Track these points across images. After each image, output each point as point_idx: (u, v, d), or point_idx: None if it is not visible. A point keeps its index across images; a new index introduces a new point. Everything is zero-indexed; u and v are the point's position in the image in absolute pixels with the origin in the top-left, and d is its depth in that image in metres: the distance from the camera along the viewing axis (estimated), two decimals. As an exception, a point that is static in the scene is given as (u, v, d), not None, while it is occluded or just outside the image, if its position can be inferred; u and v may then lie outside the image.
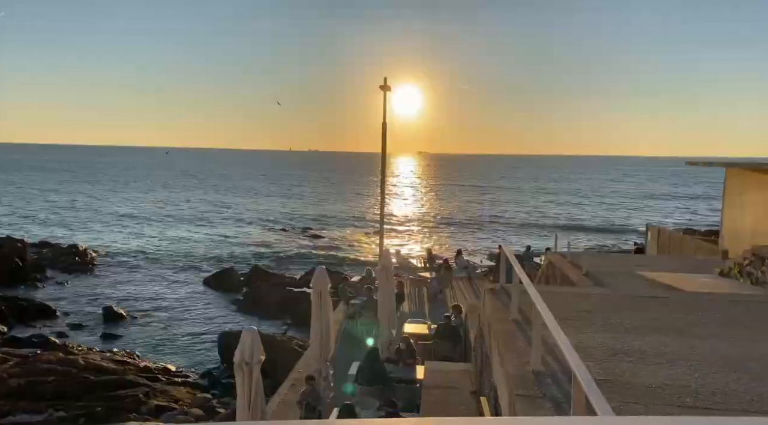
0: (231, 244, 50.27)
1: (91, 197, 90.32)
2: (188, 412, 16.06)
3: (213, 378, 20.09)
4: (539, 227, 64.27)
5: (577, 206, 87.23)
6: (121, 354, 21.80)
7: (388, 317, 13.01)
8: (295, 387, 12.88)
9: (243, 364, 6.94)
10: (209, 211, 74.74)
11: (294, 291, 31.07)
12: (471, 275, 23.00)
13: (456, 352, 13.19)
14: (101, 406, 16.10)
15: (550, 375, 4.50)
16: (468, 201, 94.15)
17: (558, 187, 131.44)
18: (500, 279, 7.68)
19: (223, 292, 33.21)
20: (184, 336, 25.78)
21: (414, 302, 19.37)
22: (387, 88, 17.58)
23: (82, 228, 57.95)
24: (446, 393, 9.59)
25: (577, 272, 13.40)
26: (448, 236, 56.43)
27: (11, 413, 15.62)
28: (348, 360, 12.73)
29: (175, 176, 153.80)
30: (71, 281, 35.22)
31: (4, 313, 26.05)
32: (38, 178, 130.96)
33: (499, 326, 5.87)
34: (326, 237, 54.66)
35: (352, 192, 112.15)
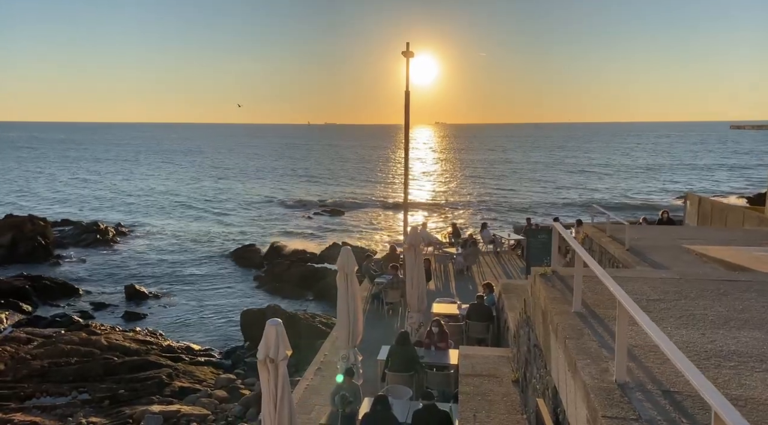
0: (250, 220, 50.00)
1: (105, 174, 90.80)
2: (212, 394, 15.71)
3: (236, 356, 19.76)
4: (564, 198, 62.88)
5: (595, 175, 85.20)
6: (144, 333, 21.60)
7: (417, 297, 12.31)
8: (321, 372, 12.36)
9: (267, 360, 6.29)
10: (227, 188, 74.58)
11: (314, 267, 30.72)
12: (498, 249, 22.19)
13: (489, 334, 12.49)
14: (125, 388, 15.84)
15: (640, 388, 3.72)
16: (489, 173, 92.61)
17: (583, 156, 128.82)
18: (552, 262, 6.87)
19: (243, 268, 32.97)
20: (205, 313, 25.55)
21: (440, 280, 18.66)
22: (410, 54, 16.52)
23: (101, 206, 58.17)
24: (485, 382, 8.89)
25: (619, 248, 12.49)
26: (471, 209, 55.37)
27: (35, 396, 15.43)
28: (371, 342, 12.12)
29: (189, 152, 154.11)
30: (93, 259, 35.24)
31: (28, 292, 26.07)
32: (43, 155, 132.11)
33: (561, 320, 5.08)
34: (345, 213, 54.05)
35: (369, 166, 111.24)
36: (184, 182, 79.73)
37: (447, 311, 13.56)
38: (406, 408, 9.02)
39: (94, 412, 14.61)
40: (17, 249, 34.75)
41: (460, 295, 16.39)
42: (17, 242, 35.07)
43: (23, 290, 25.96)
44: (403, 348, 10.44)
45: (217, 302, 27.13)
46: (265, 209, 55.59)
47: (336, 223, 48.89)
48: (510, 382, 8.85)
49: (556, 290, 6.10)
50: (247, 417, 13.81)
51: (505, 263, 20.75)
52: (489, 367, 9.41)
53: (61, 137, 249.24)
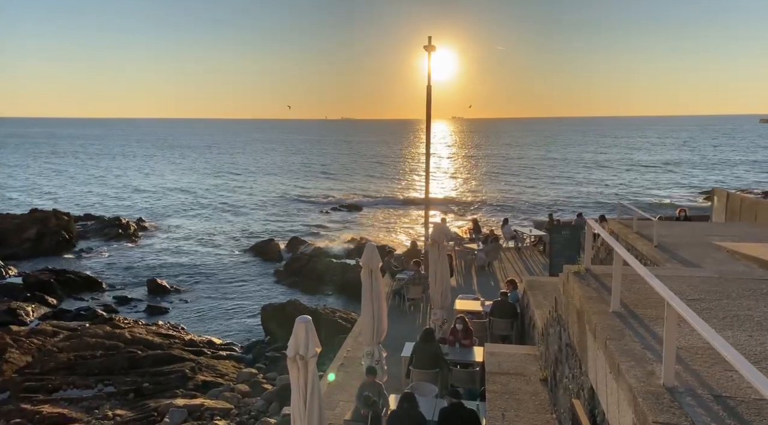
0: (269, 216, 50.26)
1: (125, 169, 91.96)
2: (234, 388, 15.81)
3: (257, 351, 19.85)
4: (583, 194, 62.18)
5: (613, 171, 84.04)
6: (166, 327, 21.80)
7: (440, 294, 12.21)
8: (345, 367, 12.35)
9: (297, 358, 6.26)
10: (244, 183, 75.06)
11: (333, 262, 30.76)
12: (519, 245, 21.98)
13: (514, 331, 12.37)
14: (149, 381, 16.00)
15: (690, 393, 3.59)
16: (507, 169, 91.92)
17: (601, 151, 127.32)
18: (585, 260, 6.73)
19: (263, 263, 33.14)
20: (226, 307, 25.73)
21: (461, 276, 18.53)
22: (432, 48, 16.36)
23: (122, 201, 58.93)
24: (513, 380, 8.79)
25: (647, 245, 12.26)
26: (490, 205, 54.97)
27: (62, 388, 15.66)
28: (393, 339, 12.06)
29: (205, 147, 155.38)
30: (115, 254, 35.70)
31: (53, 286, 26.50)
32: (64, 151, 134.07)
33: (600, 320, 4.95)
34: (363, 209, 54.04)
35: (386, 162, 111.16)
36: (202, 177, 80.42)
37: (470, 307, 13.46)
38: (432, 405, 8.96)
39: (119, 405, 14.79)
40: (42, 243, 35.37)
41: (482, 291, 16.26)
42: (42, 236, 35.68)
43: (49, 284, 26.39)
44: (427, 344, 10.38)
45: (237, 296, 27.31)
46: (283, 205, 55.82)
47: (354, 219, 48.92)
48: (538, 381, 8.74)
49: (592, 289, 5.96)
50: (270, 411, 13.85)
51: (527, 259, 20.54)
52: (516, 365, 9.31)
53: (82, 132, 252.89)
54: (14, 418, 13.94)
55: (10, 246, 34.43)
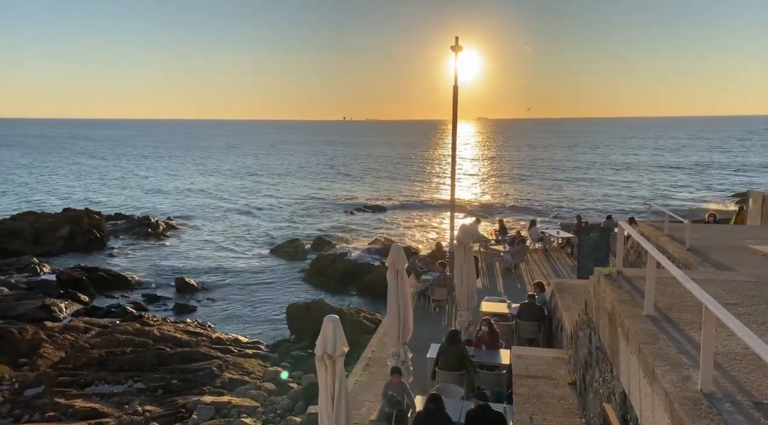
0: (293, 216, 50.66)
1: (151, 169, 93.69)
2: (260, 386, 15.96)
3: (283, 350, 20.00)
4: (609, 196, 61.19)
5: (639, 173, 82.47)
6: (194, 324, 22.14)
7: (466, 295, 12.14)
8: (370, 368, 12.38)
9: (325, 357, 6.29)
10: (268, 184, 75.80)
11: (357, 262, 30.88)
12: (547, 247, 21.73)
13: (541, 334, 12.23)
14: (177, 378, 16.27)
15: (729, 399, 3.51)
16: (532, 170, 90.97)
17: (628, 153, 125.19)
18: (617, 262, 6.62)
19: (287, 263, 33.42)
20: (252, 306, 26.02)
21: (487, 278, 18.40)
22: (458, 48, 16.31)
23: (150, 200, 60.05)
24: (540, 384, 8.69)
25: (679, 247, 12.00)
26: (516, 206, 54.48)
27: (93, 383, 16.03)
28: (418, 340, 12.03)
29: (228, 148, 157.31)
30: (144, 252, 36.41)
31: (85, 283, 27.15)
32: (91, 151, 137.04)
33: (633, 324, 4.87)
34: (387, 210, 54.08)
35: (410, 163, 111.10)
36: (226, 178, 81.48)
37: (497, 310, 13.36)
38: (459, 407, 8.91)
39: (148, 401, 15.06)
40: (75, 241, 36.29)
41: (508, 294, 16.13)
42: (75, 234, 36.62)
43: (81, 281, 27.05)
44: (453, 346, 10.33)
45: (262, 295, 27.58)
46: (308, 206, 56.19)
47: (378, 220, 48.99)
48: (566, 384, 8.63)
49: (623, 291, 5.86)
50: (296, 410, 13.95)
51: (555, 261, 20.30)
52: (543, 368, 9.20)
53: (106, 133, 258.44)
54: (48, 411, 14.32)
55: (44, 244, 35.41)
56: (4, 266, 30.51)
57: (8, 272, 29.69)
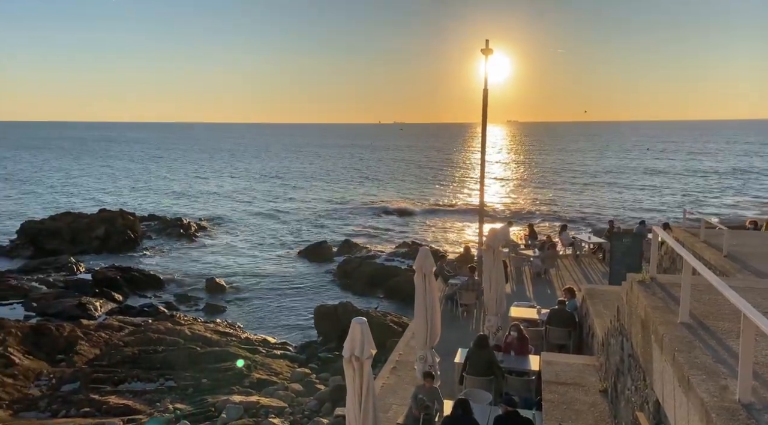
0: (321, 218, 51.00)
1: (182, 171, 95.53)
2: (288, 387, 16.10)
3: (310, 351, 20.15)
4: (642, 201, 59.94)
5: (672, 177, 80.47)
6: (224, 325, 22.47)
7: (495, 300, 12.04)
8: (397, 371, 12.36)
9: (353, 359, 6.32)
10: (297, 187, 76.50)
11: (384, 265, 30.91)
12: (578, 252, 21.39)
13: (571, 341, 12.04)
14: (207, 378, 16.53)
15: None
16: (563, 174, 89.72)
17: (662, 158, 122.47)
18: (651, 268, 6.48)
19: (316, 264, 33.65)
20: (280, 307, 26.28)
21: (515, 283, 18.21)
22: (489, 51, 16.22)
23: (182, 202, 61.22)
24: (571, 391, 8.56)
25: (716, 254, 11.68)
26: (546, 211, 53.79)
27: (127, 380, 16.40)
28: (446, 344, 11.96)
29: (258, 151, 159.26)
30: (176, 253, 37.14)
31: (119, 283, 27.83)
32: (120, 154, 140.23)
33: (667, 331, 4.76)
34: (415, 213, 54.02)
35: (440, 166, 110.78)
36: (255, 180, 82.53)
37: (526, 315, 13.21)
38: (487, 413, 8.84)
39: (179, 399, 15.34)
40: (109, 241, 37.25)
41: (537, 299, 15.92)
42: (110, 234, 37.58)
43: (115, 281, 27.74)
44: (481, 351, 10.25)
45: (290, 297, 27.84)
46: (336, 209, 56.50)
47: (406, 223, 48.98)
48: (597, 392, 8.48)
49: (658, 298, 5.74)
50: (323, 412, 14.03)
51: (585, 267, 19.96)
52: (574, 375, 9.07)
53: (138, 136, 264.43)
54: (84, 407, 14.72)
55: (80, 244, 36.44)
56: (43, 265, 31.50)
57: (47, 271, 30.64)
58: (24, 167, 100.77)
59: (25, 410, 15.03)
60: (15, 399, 15.43)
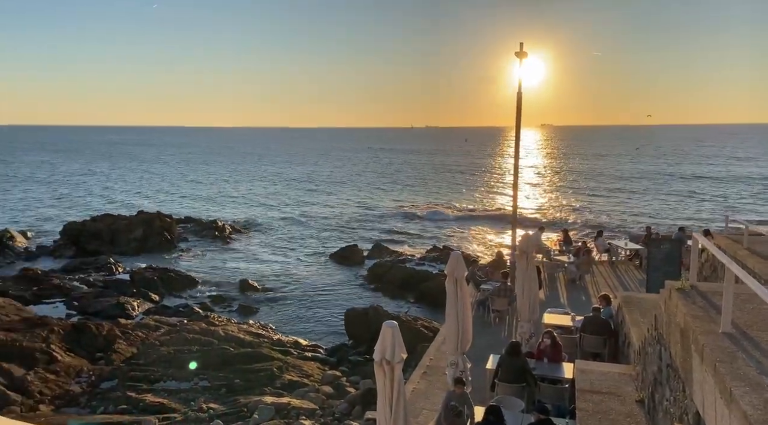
0: (352, 222, 51.22)
1: (215, 175, 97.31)
2: (319, 389, 16.20)
3: (341, 354, 20.24)
4: (677, 207, 58.31)
5: (712, 183, 77.94)
6: (256, 326, 22.76)
7: (528, 307, 11.88)
8: (428, 376, 12.31)
9: (384, 362, 6.32)
10: (328, 190, 77.05)
11: (415, 270, 30.84)
12: (614, 259, 20.94)
13: (606, 349, 11.77)
14: (240, 378, 16.76)
15: (818, 426, 3.26)
16: (599, 178, 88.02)
17: (704, 162, 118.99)
18: (690, 276, 6.30)
19: (347, 268, 33.81)
20: (311, 310, 26.48)
21: (549, 289, 17.92)
22: (523, 54, 16.07)
23: (217, 205, 62.37)
24: (606, 400, 8.38)
25: (761, 262, 11.27)
26: (581, 216, 52.85)
27: (162, 379, 16.76)
28: (477, 350, 11.84)
29: (289, 155, 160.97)
30: (211, 254, 37.84)
31: (156, 283, 28.51)
32: (155, 158, 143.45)
33: (708, 341, 4.61)
34: (448, 218, 53.78)
35: (472, 171, 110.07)
36: (287, 184, 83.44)
37: (560, 322, 12.98)
38: (519, 420, 8.72)
39: (212, 399, 15.59)
40: (147, 242, 38.22)
41: (572, 306, 15.64)
42: (147, 236, 38.57)
43: (152, 281, 28.43)
44: (513, 358, 10.12)
45: (321, 299, 28.02)
46: (367, 212, 56.69)
47: (437, 227, 48.78)
48: (633, 402, 8.28)
49: (698, 307, 5.57)
50: (353, 415, 14.06)
51: (621, 274, 19.52)
52: (609, 384, 8.87)
53: (172, 140, 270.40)
54: (121, 404, 15.10)
55: (119, 245, 37.49)
56: (84, 265, 32.52)
57: (87, 270, 31.62)
58: (65, 170, 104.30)
59: (66, 405, 15.52)
60: (57, 395, 15.96)
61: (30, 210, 57.33)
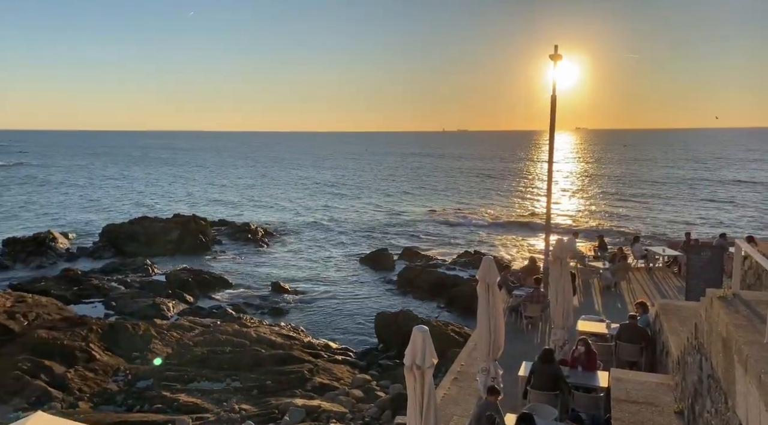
0: (383, 225, 51.27)
1: (245, 177, 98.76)
2: (349, 393, 16.23)
3: (371, 358, 20.24)
4: (715, 214, 56.53)
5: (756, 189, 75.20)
6: (287, 328, 22.95)
7: (562, 314, 11.67)
8: (459, 382, 12.19)
9: (414, 367, 6.29)
10: (358, 194, 77.35)
11: (445, 274, 30.63)
12: (651, 265, 20.41)
13: (643, 358, 11.47)
14: (271, 380, 16.92)
15: None
16: (640, 180, 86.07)
17: (746, 167, 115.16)
18: (733, 284, 6.08)
19: (377, 272, 33.84)
20: (341, 313, 26.57)
21: (584, 296, 17.57)
22: (557, 57, 15.83)
23: (250, 208, 63.28)
24: (643, 410, 8.15)
25: (808, 271, 10.82)
26: (617, 222, 51.73)
27: (196, 379, 17.05)
28: (509, 356, 11.67)
29: (320, 159, 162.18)
30: (244, 257, 38.40)
31: (191, 284, 29.07)
32: (183, 162, 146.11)
33: (752, 352, 4.44)
34: (480, 223, 53.36)
35: (504, 176, 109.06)
36: (318, 188, 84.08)
37: (594, 329, 12.71)
38: (551, 428, 8.57)
39: (244, 400, 15.78)
40: (182, 245, 39.05)
41: (607, 313, 15.31)
42: (183, 238, 39.40)
43: (187, 283, 29.00)
44: (547, 365, 9.95)
45: (351, 303, 28.11)
46: (396, 216, 56.69)
47: (468, 232, 48.41)
48: (672, 413, 8.04)
49: (741, 316, 5.37)
50: (383, 419, 14.04)
51: (659, 281, 19.01)
52: (646, 394, 8.63)
53: (198, 145, 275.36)
54: (156, 403, 15.42)
55: (156, 246, 38.38)
56: (122, 267, 33.41)
57: (125, 272, 32.47)
58: (101, 174, 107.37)
59: (104, 403, 15.93)
60: (95, 393, 16.40)
61: (70, 213, 59.26)
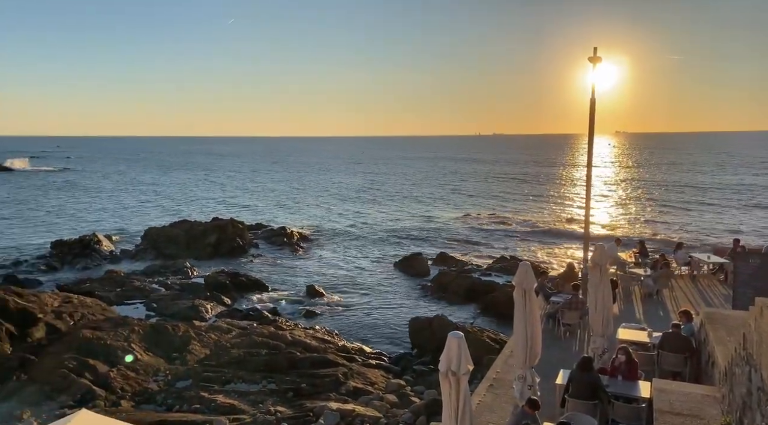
0: (418, 230, 51.14)
1: (277, 182, 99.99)
2: (383, 398, 16.20)
3: (405, 363, 20.17)
4: None
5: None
6: (322, 331, 23.11)
7: (602, 321, 11.39)
8: (494, 389, 12.03)
9: (449, 373, 6.23)
10: (392, 198, 77.38)
11: (481, 280, 30.32)
12: (695, 272, 19.75)
13: (687, 368, 11.09)
14: (306, 383, 17.05)
15: None
16: (683, 185, 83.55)
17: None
18: (785, 294, 5.83)
19: (410, 277, 33.76)
20: (376, 317, 26.58)
21: (625, 303, 17.12)
22: (597, 59, 15.54)
23: (285, 212, 64.07)
24: (687, 422, 7.89)
25: None
26: (661, 226, 50.28)
27: (233, 381, 17.32)
28: (546, 364, 11.45)
29: (353, 164, 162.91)
30: (280, 260, 38.89)
31: (228, 287, 29.61)
32: (220, 167, 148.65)
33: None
34: (516, 225, 52.69)
35: (541, 180, 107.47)
36: (352, 192, 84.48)
37: (635, 338, 12.37)
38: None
39: (279, 402, 15.94)
40: (220, 248, 39.81)
41: (648, 321, 14.88)
42: (221, 241, 40.17)
43: (224, 285, 29.54)
44: (585, 374, 9.73)
45: (386, 307, 28.09)
46: (431, 221, 56.43)
47: (504, 237, 47.84)
48: (718, 427, 7.75)
49: (795, 326, 5.13)
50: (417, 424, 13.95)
51: (703, 289, 18.38)
52: (691, 406, 8.35)
53: (232, 150, 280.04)
54: (195, 404, 15.73)
55: (195, 249, 39.27)
56: (163, 269, 34.27)
57: (165, 274, 33.30)
58: (142, 180, 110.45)
59: (145, 402, 16.33)
60: (136, 392, 16.83)
61: (113, 216, 61.16)
